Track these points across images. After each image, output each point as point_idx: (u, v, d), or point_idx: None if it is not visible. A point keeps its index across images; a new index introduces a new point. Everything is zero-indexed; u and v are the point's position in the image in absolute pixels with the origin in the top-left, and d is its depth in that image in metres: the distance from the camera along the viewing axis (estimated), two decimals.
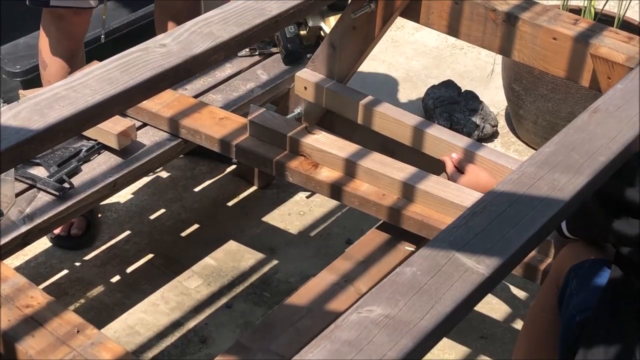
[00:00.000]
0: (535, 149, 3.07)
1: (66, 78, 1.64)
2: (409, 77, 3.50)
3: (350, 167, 2.06)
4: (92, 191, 2.10)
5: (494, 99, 3.33)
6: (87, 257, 2.57)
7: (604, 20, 2.88)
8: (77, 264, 2.54)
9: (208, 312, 2.43)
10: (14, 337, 1.70)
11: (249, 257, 2.61)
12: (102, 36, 2.50)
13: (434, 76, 3.47)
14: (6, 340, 1.71)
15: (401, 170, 2.03)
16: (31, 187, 2.09)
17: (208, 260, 2.59)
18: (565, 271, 1.61)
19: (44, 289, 2.37)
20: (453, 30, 2.18)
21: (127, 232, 2.66)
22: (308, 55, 2.52)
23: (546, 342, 1.63)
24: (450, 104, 3.12)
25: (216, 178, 2.89)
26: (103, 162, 2.18)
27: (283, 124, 2.17)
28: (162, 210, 2.75)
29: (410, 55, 3.64)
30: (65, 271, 2.52)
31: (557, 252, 1.78)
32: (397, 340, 1.14)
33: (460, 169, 2.02)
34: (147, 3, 3.02)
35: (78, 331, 1.71)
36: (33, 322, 1.73)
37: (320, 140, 2.11)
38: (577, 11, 2.95)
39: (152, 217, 2.73)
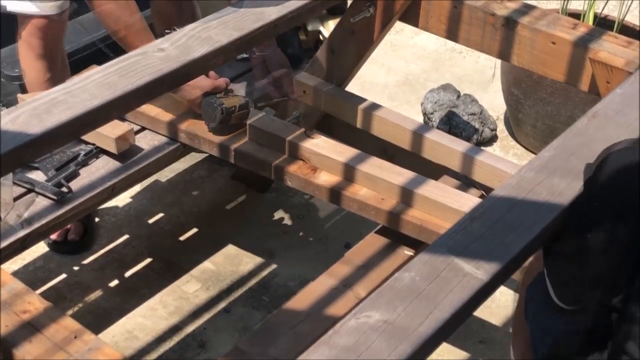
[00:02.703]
0: (535, 153, 3.07)
1: (65, 82, 1.64)
2: (408, 81, 3.50)
3: (349, 172, 2.05)
4: (90, 195, 2.09)
5: (493, 102, 3.33)
6: (85, 262, 2.56)
7: (603, 24, 2.88)
8: (76, 268, 2.54)
9: (207, 316, 2.42)
10: (12, 342, 1.69)
11: (247, 261, 2.61)
12: None
13: (433, 80, 3.47)
14: (4, 346, 1.70)
15: (400, 175, 2.03)
16: (29, 191, 2.08)
17: (207, 265, 2.58)
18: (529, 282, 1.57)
19: (42, 294, 2.38)
20: (452, 34, 2.18)
21: (126, 236, 2.65)
22: (307, 59, 2.51)
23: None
24: (449, 108, 3.12)
25: (215, 182, 2.89)
26: (101, 166, 2.17)
27: (282, 127, 2.17)
28: (161, 214, 2.75)
29: (410, 59, 3.64)
30: (64, 275, 2.51)
31: None
32: (395, 346, 1.14)
33: None
34: (143, 8, 3.01)
35: (75, 337, 1.70)
36: (30, 327, 1.72)
37: (320, 145, 2.11)
38: (576, 15, 2.94)
39: (151, 221, 2.72)
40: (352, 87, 2.50)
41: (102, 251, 2.60)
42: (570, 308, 1.40)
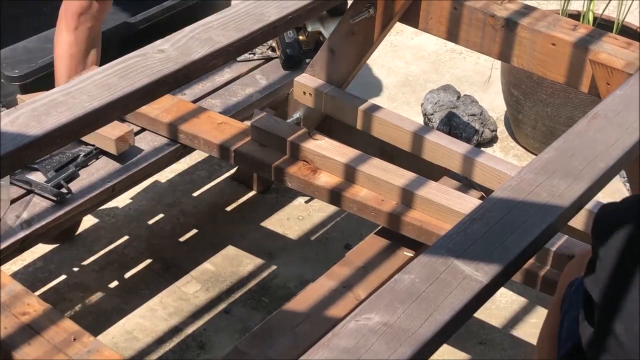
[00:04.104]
0: (535, 154, 3.07)
1: (66, 80, 1.64)
2: (408, 82, 3.50)
3: (351, 173, 2.05)
4: (90, 196, 2.09)
5: (493, 103, 3.33)
6: (85, 262, 2.56)
7: (603, 25, 2.88)
8: (75, 269, 2.54)
9: (206, 317, 2.42)
10: (11, 345, 1.69)
11: (247, 262, 2.60)
12: None
13: (433, 81, 3.47)
14: (3, 348, 1.70)
15: (401, 176, 2.03)
16: (29, 192, 2.08)
17: (206, 265, 2.58)
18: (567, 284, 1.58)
19: (42, 295, 2.38)
20: (452, 35, 2.18)
21: (126, 237, 2.65)
22: (307, 60, 2.51)
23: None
24: (449, 109, 3.12)
25: (215, 183, 2.88)
26: (101, 167, 2.17)
27: (286, 128, 2.17)
28: (161, 215, 2.75)
29: (409, 59, 3.64)
30: (63, 276, 2.51)
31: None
32: (395, 348, 1.14)
33: None
34: (147, 7, 3.02)
35: (75, 339, 1.70)
36: (29, 329, 1.72)
37: (323, 146, 2.11)
38: (576, 16, 2.94)
39: (151, 222, 2.72)
40: (352, 88, 2.49)
41: (101, 252, 2.60)
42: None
